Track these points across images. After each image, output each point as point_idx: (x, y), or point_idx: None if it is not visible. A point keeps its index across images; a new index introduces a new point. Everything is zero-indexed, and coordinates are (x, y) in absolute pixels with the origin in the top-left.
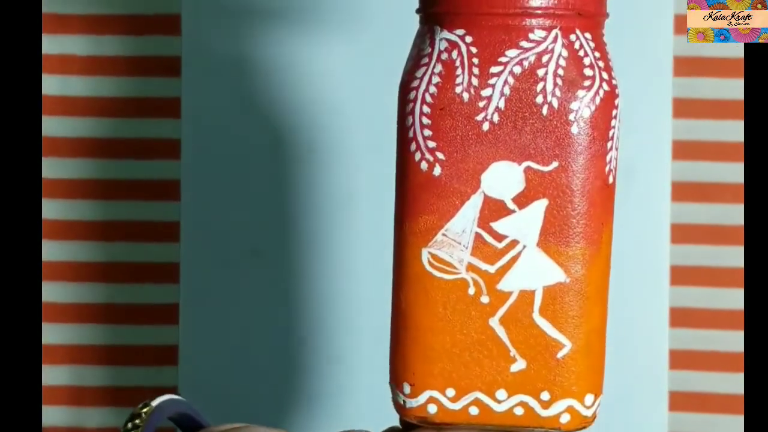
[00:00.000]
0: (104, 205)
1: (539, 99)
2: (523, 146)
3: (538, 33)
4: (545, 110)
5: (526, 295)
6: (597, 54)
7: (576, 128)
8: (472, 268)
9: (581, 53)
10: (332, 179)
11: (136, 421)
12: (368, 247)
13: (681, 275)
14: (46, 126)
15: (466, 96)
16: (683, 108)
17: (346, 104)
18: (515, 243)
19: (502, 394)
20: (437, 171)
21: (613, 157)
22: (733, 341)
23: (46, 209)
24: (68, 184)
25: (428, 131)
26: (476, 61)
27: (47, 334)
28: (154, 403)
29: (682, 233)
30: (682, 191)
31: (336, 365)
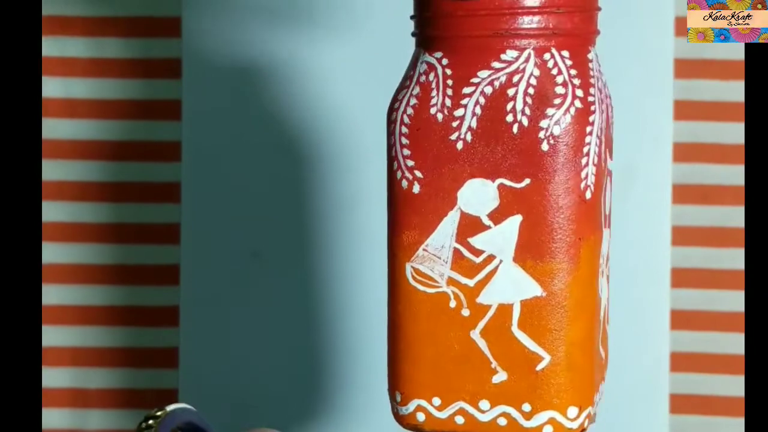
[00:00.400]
0: (104, 208)
1: (509, 118)
2: (496, 164)
3: (510, 53)
4: (515, 129)
5: (505, 309)
6: (573, 72)
7: (546, 145)
8: (453, 282)
9: (554, 72)
10: (332, 181)
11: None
12: (368, 250)
13: (682, 277)
14: (46, 128)
15: (440, 116)
16: (684, 110)
17: (348, 106)
18: (492, 258)
19: (486, 405)
20: (416, 188)
21: (591, 173)
22: (734, 343)
23: (46, 211)
24: (68, 187)
25: (407, 150)
26: (450, 83)
27: (47, 337)
28: (169, 408)
29: (683, 235)
30: (683, 193)
31: (337, 367)
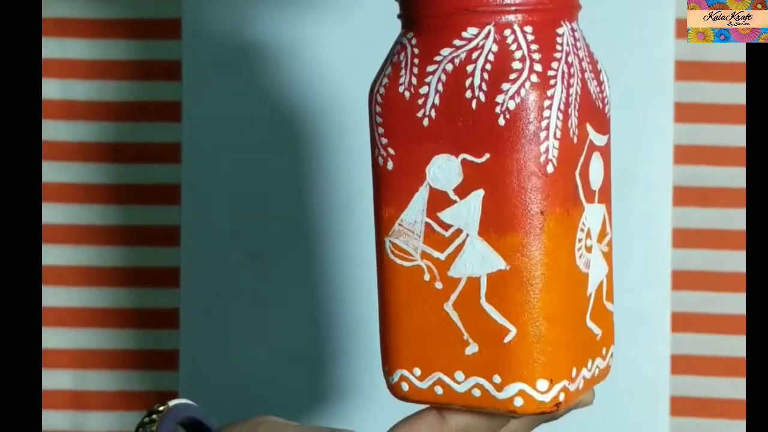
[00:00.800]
0: (105, 210)
1: (468, 94)
2: (459, 140)
3: (471, 31)
4: (474, 104)
5: (473, 282)
6: (535, 47)
7: (503, 120)
8: (426, 256)
9: (513, 47)
10: (332, 183)
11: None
12: (368, 250)
13: (682, 280)
14: (46, 130)
15: (408, 94)
16: (685, 112)
17: (348, 108)
18: (459, 232)
19: (460, 376)
20: (390, 165)
21: (552, 147)
22: (735, 346)
23: (46, 213)
24: (68, 188)
25: (381, 129)
26: (416, 61)
27: (47, 339)
28: (172, 403)
29: (684, 238)
30: (684, 196)
31: (337, 368)
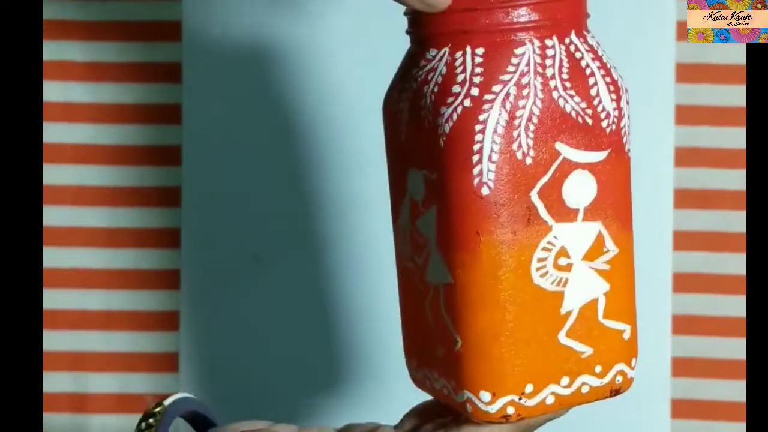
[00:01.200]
0: (105, 212)
1: (422, 113)
2: (420, 156)
3: (431, 52)
4: (426, 124)
5: (437, 290)
6: (479, 69)
7: (442, 142)
8: (413, 260)
9: (458, 70)
10: (333, 185)
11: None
12: (368, 252)
13: (683, 282)
14: (47, 132)
15: (393, 111)
16: (685, 115)
17: (349, 111)
18: (428, 241)
19: (435, 374)
20: (388, 177)
21: (487, 170)
22: (736, 348)
23: (47, 216)
24: (69, 191)
25: (384, 144)
26: (400, 76)
27: (48, 341)
28: (167, 402)
29: (685, 240)
30: (685, 198)
31: (338, 370)
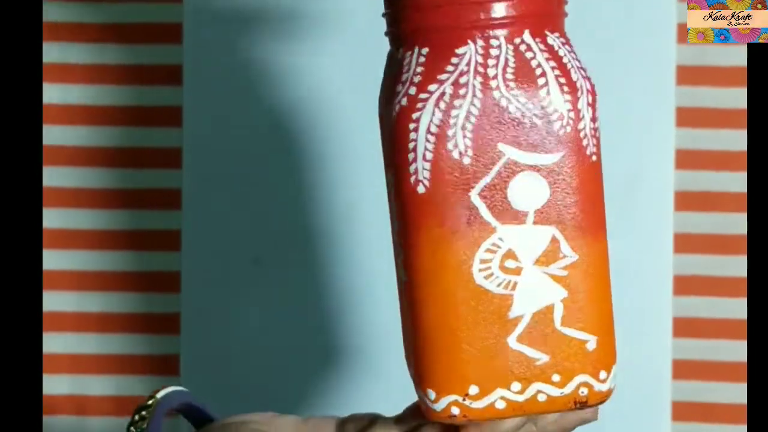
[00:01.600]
0: (105, 214)
1: (380, 113)
2: (385, 156)
3: (395, 52)
4: (382, 124)
5: (401, 287)
6: (420, 69)
7: (388, 141)
8: (396, 259)
9: (405, 69)
10: (334, 187)
11: (143, 413)
12: (368, 254)
13: (684, 285)
14: (47, 135)
15: (379, 113)
16: (686, 117)
17: (350, 113)
18: (395, 240)
19: (411, 371)
20: None
21: (422, 168)
22: (737, 351)
23: (47, 218)
24: (69, 193)
25: None
26: (382, 81)
27: (48, 344)
28: (160, 395)
29: (686, 242)
30: (686, 200)
31: (340, 373)
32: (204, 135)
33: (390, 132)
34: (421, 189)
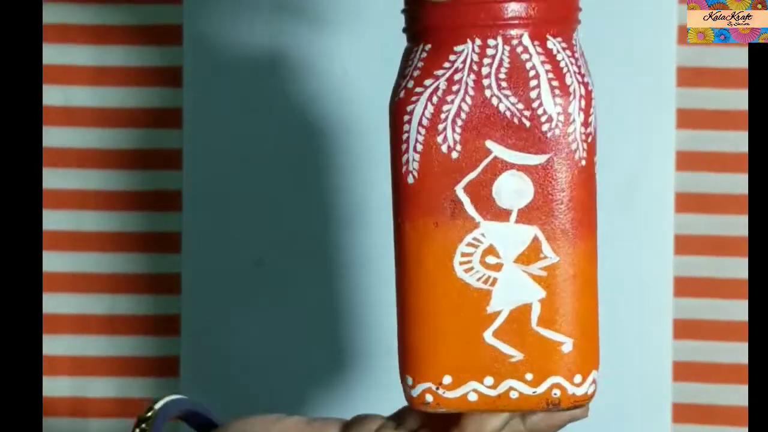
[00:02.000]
0: (105, 216)
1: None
2: None
3: (407, 48)
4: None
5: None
6: (421, 64)
7: (389, 132)
8: None
9: (409, 63)
10: (335, 189)
11: (143, 426)
12: (370, 257)
13: (685, 287)
14: (47, 137)
15: None
16: (687, 118)
17: (352, 115)
18: None
19: None
20: None
21: (412, 159)
22: (737, 352)
23: (47, 220)
24: (69, 195)
25: None
26: None
27: (48, 346)
28: (158, 406)
29: (686, 244)
30: (686, 202)
31: (341, 376)
32: (204, 137)
33: (390, 122)
34: (411, 179)
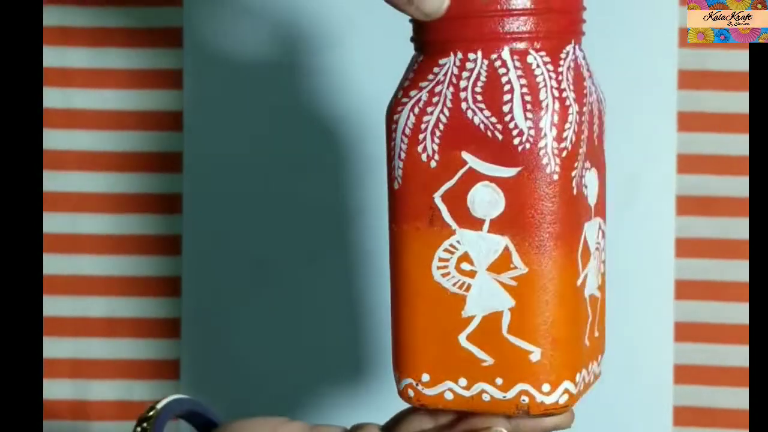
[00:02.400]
0: (105, 219)
1: None
2: None
3: (413, 55)
4: None
5: None
6: (411, 75)
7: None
8: None
9: (404, 75)
10: (336, 191)
11: (144, 425)
12: (371, 259)
13: (686, 289)
14: (47, 139)
15: None
16: (687, 121)
17: (353, 116)
18: None
19: None
20: None
21: (398, 167)
22: (738, 355)
23: (47, 223)
24: (69, 198)
25: None
26: None
27: (48, 348)
28: (160, 406)
29: (687, 247)
30: (687, 205)
31: (342, 379)
32: (204, 139)
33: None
34: (396, 185)
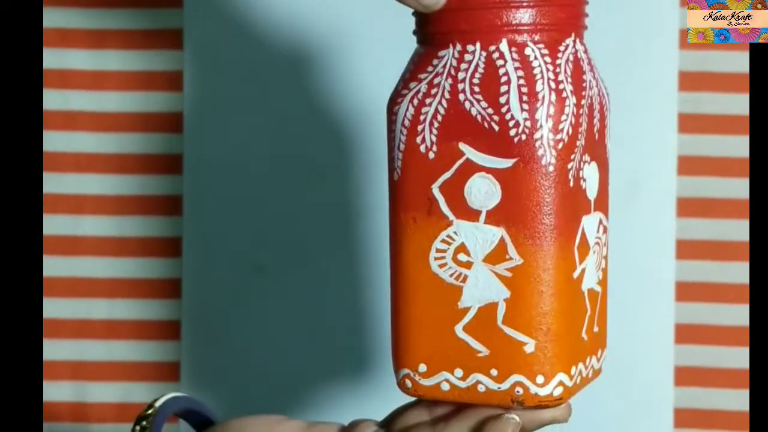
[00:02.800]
0: (105, 221)
1: None
2: None
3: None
4: None
5: None
6: (412, 67)
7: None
8: None
9: (404, 67)
10: (337, 194)
11: (143, 423)
12: (371, 262)
13: (686, 291)
14: (47, 141)
15: None
16: (688, 123)
17: (354, 118)
18: None
19: None
20: None
21: (397, 158)
22: (739, 357)
23: (47, 225)
24: (69, 200)
25: None
26: None
27: (48, 350)
28: (158, 403)
29: (687, 249)
30: (687, 207)
31: (342, 381)
32: (205, 141)
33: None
34: (396, 176)
